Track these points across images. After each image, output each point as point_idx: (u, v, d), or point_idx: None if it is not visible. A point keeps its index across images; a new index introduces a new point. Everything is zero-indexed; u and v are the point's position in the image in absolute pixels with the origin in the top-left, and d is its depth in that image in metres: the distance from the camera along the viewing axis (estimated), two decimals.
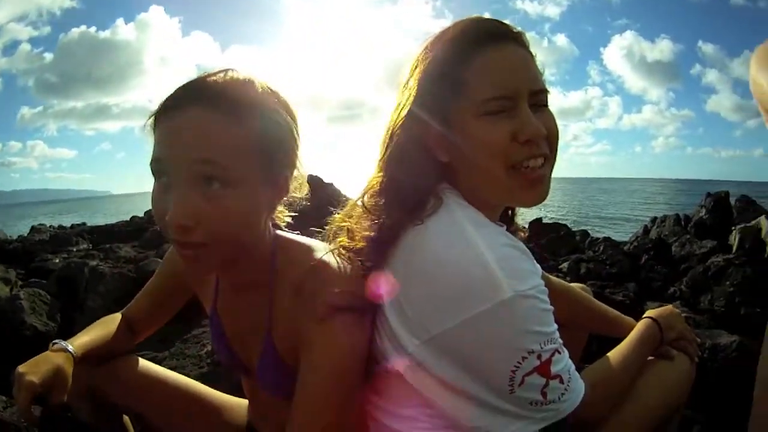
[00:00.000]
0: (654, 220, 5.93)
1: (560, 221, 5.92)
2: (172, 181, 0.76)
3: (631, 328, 1.11)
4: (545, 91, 0.83)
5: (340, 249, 0.87)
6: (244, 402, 1.20)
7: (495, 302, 0.70)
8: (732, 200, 5.51)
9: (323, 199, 0.92)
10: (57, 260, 4.33)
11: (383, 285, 0.82)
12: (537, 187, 0.82)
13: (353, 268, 0.84)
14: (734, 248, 3.85)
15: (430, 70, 0.83)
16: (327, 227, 0.92)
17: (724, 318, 2.63)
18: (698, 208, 5.41)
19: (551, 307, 0.76)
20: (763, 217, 3.99)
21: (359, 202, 0.89)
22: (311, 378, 0.81)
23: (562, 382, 0.76)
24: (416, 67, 0.85)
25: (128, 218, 8.16)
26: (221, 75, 0.80)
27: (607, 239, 4.67)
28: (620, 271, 3.51)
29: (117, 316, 1.14)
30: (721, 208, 5.21)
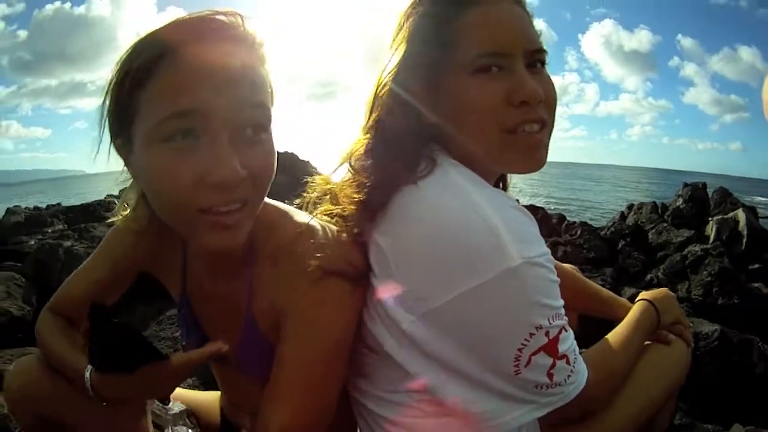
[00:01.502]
0: (630, 206, 5.89)
1: (536, 204, 5.95)
2: (213, 134, 0.65)
3: (626, 310, 1.08)
4: (543, 51, 0.78)
5: (324, 215, 0.81)
6: (216, 395, 1.12)
7: (502, 269, 0.64)
8: (709, 192, 5.56)
9: (299, 177, 0.87)
10: (32, 242, 4.19)
11: (372, 255, 0.75)
12: (534, 152, 0.76)
13: (341, 233, 0.77)
14: (711, 239, 3.89)
15: (417, 27, 0.78)
16: (307, 194, 0.85)
17: (701, 307, 2.67)
18: (675, 198, 5.42)
19: (558, 279, 0.70)
20: (740, 210, 4.05)
21: (346, 165, 0.82)
22: (293, 349, 0.73)
23: (568, 362, 0.71)
24: (402, 25, 0.79)
25: (103, 197, 7.94)
26: (226, 14, 0.70)
27: (584, 224, 4.67)
28: (597, 256, 3.54)
29: (48, 318, 0.93)
30: (699, 199, 5.25)
